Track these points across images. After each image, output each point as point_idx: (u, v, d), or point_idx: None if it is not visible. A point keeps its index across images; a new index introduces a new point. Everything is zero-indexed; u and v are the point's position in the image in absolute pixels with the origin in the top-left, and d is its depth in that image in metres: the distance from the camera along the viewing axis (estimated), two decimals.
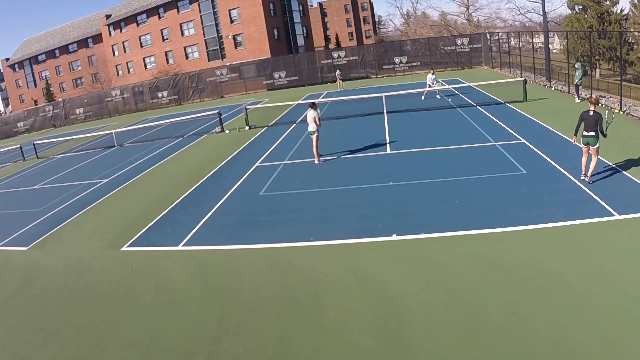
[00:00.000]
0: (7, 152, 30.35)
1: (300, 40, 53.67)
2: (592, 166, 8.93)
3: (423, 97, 21.67)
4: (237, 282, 7.33)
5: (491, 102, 19.32)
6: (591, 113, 8.66)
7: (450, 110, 18.63)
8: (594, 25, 30.70)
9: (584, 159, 9.11)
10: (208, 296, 7.04)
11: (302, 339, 5.62)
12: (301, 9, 55.61)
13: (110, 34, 58.26)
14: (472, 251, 7.10)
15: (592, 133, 8.61)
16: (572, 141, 9.62)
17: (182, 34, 52.44)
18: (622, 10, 31.80)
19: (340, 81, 33.50)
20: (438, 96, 21.83)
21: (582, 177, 9.11)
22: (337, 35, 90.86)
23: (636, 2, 31.48)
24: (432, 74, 21.43)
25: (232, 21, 49.07)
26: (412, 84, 29.98)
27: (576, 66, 17.80)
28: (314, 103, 13.58)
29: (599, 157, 9.12)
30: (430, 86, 21.25)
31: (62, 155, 25.17)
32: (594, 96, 9.00)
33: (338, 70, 34.91)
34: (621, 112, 15.11)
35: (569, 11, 34.26)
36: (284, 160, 14.57)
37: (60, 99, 54.80)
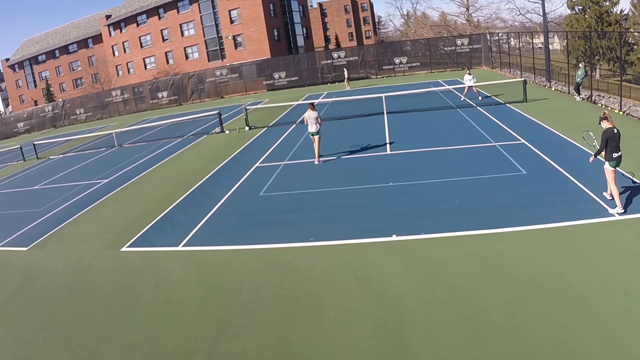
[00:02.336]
0: (7, 152, 30.38)
1: (300, 41, 53.70)
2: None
3: (478, 96, 20.49)
4: (236, 282, 7.33)
5: (491, 102, 19.32)
6: (615, 131, 7.81)
7: (450, 111, 18.63)
8: (593, 25, 30.71)
9: (615, 188, 7.74)
10: (208, 296, 7.04)
11: (302, 339, 5.62)
12: (301, 10, 55.63)
13: (110, 35, 58.28)
14: (472, 251, 7.11)
15: (620, 153, 7.74)
16: (590, 160, 8.14)
17: (182, 35, 52.46)
18: (621, 11, 31.82)
19: (347, 80, 33.65)
20: (463, 98, 20.78)
21: (621, 209, 7.66)
22: (337, 35, 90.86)
23: (636, 2, 31.48)
24: (469, 74, 20.62)
25: (232, 21, 49.09)
26: (412, 84, 29.99)
27: (579, 65, 17.87)
28: (312, 104, 13.63)
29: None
30: (470, 84, 20.29)
31: (62, 155, 25.17)
32: (606, 112, 7.96)
33: (345, 71, 35.03)
34: (621, 113, 15.11)
35: (569, 11, 34.28)
36: (284, 160, 14.57)
37: (60, 100, 54.82)
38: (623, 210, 7.65)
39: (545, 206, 8.31)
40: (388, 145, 14.50)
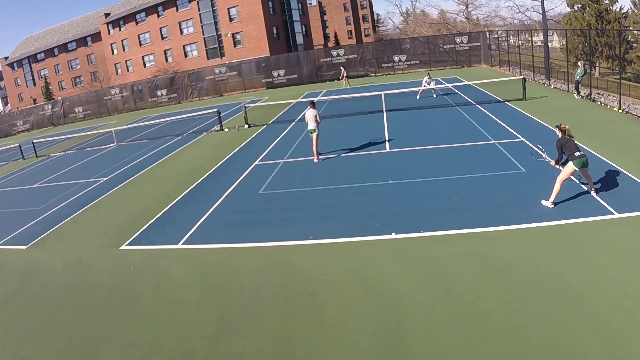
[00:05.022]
0: (6, 150, 30.32)
1: (300, 39, 53.62)
2: (591, 181, 8.39)
3: (418, 97, 21.85)
4: (236, 280, 7.33)
5: (490, 100, 19.31)
6: (568, 137, 7.94)
7: (449, 109, 18.61)
8: (593, 23, 30.70)
9: (559, 187, 8.00)
10: (207, 295, 7.04)
11: (301, 337, 5.62)
12: (300, 7, 55.57)
13: (109, 33, 58.16)
14: (471, 250, 7.11)
15: (583, 152, 7.80)
16: (552, 163, 8.31)
17: (181, 33, 52.36)
18: (621, 9, 31.82)
19: (346, 78, 33.63)
20: (434, 95, 22.03)
21: (551, 204, 8.09)
22: (336, 33, 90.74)
23: (637, 0, 31.47)
24: (429, 77, 21.63)
25: (231, 19, 49.01)
26: (412, 82, 29.95)
27: (579, 64, 17.89)
28: (313, 102, 13.66)
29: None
30: (425, 86, 21.47)
31: (61, 153, 25.14)
32: (565, 126, 8.09)
33: (342, 69, 35.11)
34: (620, 111, 15.12)
35: (569, 9, 34.27)
36: (283, 158, 14.56)
37: (59, 98, 54.70)
38: (552, 206, 8.05)
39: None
40: (387, 143, 14.49)
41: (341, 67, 36.13)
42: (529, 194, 8.87)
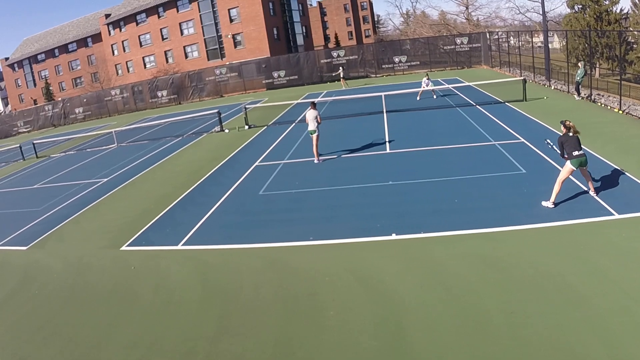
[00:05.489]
0: (6, 151, 30.34)
1: (300, 40, 53.67)
2: (590, 180, 8.40)
3: (418, 97, 21.87)
4: (236, 281, 7.33)
5: (490, 101, 19.31)
6: (571, 134, 7.94)
7: (449, 110, 18.62)
8: (593, 24, 30.72)
9: (558, 187, 8.02)
10: (207, 296, 7.04)
11: (302, 338, 5.62)
12: (300, 8, 55.62)
13: (109, 34, 58.23)
14: (471, 251, 7.10)
15: (582, 152, 7.85)
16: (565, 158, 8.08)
17: (182, 34, 52.43)
18: (621, 10, 31.84)
19: (344, 80, 33.60)
20: (434, 96, 22.05)
21: (552, 204, 8.11)
22: (336, 34, 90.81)
23: (637, 1, 31.49)
24: (427, 78, 21.56)
25: (231, 20, 49.07)
26: (412, 83, 29.96)
27: (579, 65, 17.90)
28: (314, 103, 13.67)
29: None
30: (424, 87, 21.44)
31: (61, 154, 25.15)
32: (570, 123, 8.08)
33: (340, 68, 35.15)
34: (621, 112, 15.11)
35: (569, 10, 34.29)
36: (284, 159, 14.56)
37: (59, 99, 54.74)
38: (553, 206, 8.06)
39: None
40: (387, 144, 14.50)
41: (340, 67, 36.13)
42: (529, 195, 8.87)
